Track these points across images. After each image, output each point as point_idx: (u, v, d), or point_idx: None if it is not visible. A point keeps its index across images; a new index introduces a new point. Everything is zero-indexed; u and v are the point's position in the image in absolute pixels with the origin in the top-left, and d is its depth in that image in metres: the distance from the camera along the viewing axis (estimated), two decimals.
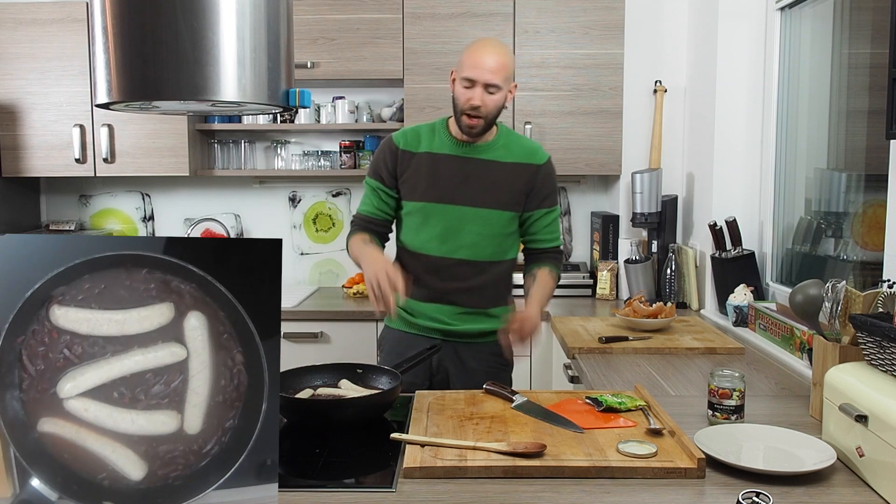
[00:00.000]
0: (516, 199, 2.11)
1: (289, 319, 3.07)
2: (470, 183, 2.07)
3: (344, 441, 1.52)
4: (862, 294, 1.56)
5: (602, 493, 1.27)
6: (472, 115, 2.00)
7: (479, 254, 2.10)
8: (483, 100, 1.98)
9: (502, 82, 1.99)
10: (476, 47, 2.00)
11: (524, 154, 2.12)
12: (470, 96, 1.98)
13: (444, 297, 2.12)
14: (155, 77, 1.25)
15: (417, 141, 2.12)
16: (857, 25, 2.41)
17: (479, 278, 2.12)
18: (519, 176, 2.10)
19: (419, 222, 2.11)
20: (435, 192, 2.08)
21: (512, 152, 2.11)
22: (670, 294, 3.11)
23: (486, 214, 2.07)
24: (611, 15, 3.18)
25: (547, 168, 2.14)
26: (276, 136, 3.60)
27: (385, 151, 2.14)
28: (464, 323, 2.13)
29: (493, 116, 2.03)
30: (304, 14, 3.19)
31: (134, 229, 3.70)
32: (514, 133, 2.18)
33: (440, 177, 2.08)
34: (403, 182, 2.11)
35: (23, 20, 3.23)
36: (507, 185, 2.09)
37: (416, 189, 2.09)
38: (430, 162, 2.09)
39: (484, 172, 2.08)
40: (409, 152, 2.10)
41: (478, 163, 2.08)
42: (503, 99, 2.02)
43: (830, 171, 2.52)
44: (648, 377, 2.03)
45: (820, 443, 1.41)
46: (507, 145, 2.12)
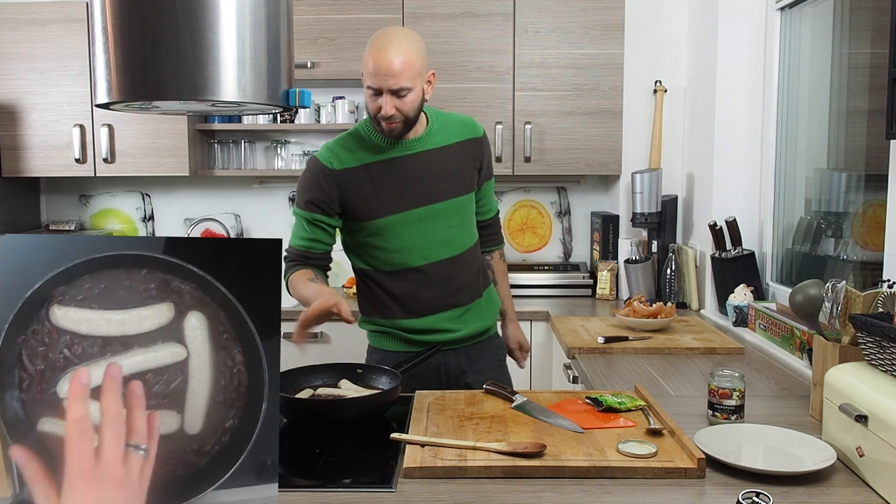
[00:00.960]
0: (471, 178, 2.05)
1: (289, 319, 3.07)
2: (425, 179, 1.94)
3: (344, 441, 1.52)
4: (862, 294, 1.56)
5: (602, 493, 1.27)
6: (387, 122, 1.84)
7: (456, 247, 2.01)
8: (395, 105, 1.81)
9: (410, 82, 1.79)
10: (373, 48, 1.80)
11: (462, 130, 2.03)
12: (379, 105, 1.81)
13: (443, 304, 2.01)
14: (155, 77, 1.25)
15: (350, 154, 1.92)
16: (857, 25, 2.41)
17: (467, 270, 2.05)
18: (467, 153, 2.02)
19: (387, 238, 1.94)
20: (394, 203, 1.91)
21: (451, 132, 2.00)
22: (670, 294, 3.11)
23: (451, 205, 1.98)
24: (611, 15, 3.18)
25: (486, 139, 2.10)
26: (276, 136, 3.60)
27: (317, 178, 1.91)
28: (467, 325, 2.06)
29: (415, 113, 1.86)
30: (304, 14, 3.19)
31: (134, 229, 3.70)
32: (442, 113, 2.05)
33: (393, 184, 1.91)
34: (353, 203, 1.92)
35: (23, 20, 3.23)
36: (460, 168, 2.01)
37: (371, 207, 1.91)
38: (375, 173, 1.91)
39: (435, 163, 1.95)
40: (348, 170, 1.91)
41: (424, 156, 1.95)
42: (418, 96, 1.84)
43: (830, 171, 2.52)
44: (648, 377, 2.03)
45: (820, 443, 1.41)
46: (442, 127, 2.00)
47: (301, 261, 1.97)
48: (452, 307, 2.03)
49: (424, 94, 1.87)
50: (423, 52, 1.85)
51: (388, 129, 1.86)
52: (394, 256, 1.96)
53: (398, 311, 2.01)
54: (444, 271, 2.00)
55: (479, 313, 2.10)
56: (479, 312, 2.10)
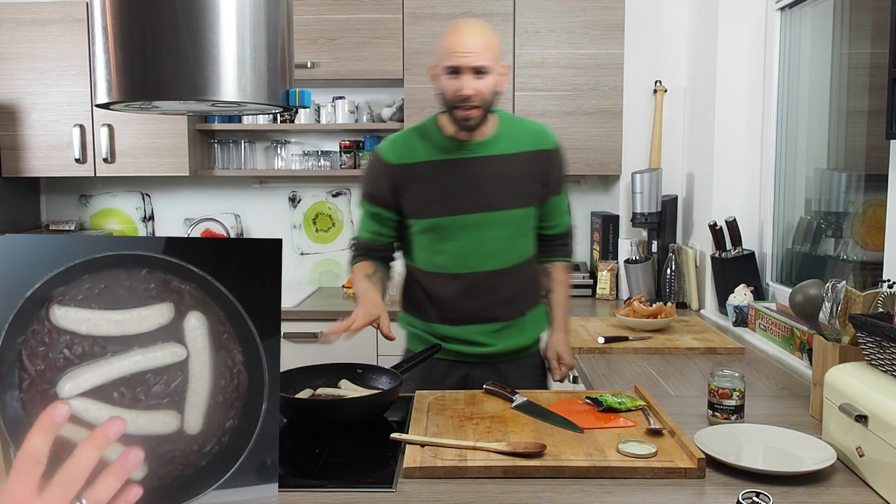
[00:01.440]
0: (534, 191, 1.92)
1: (289, 319, 3.07)
2: (483, 185, 1.86)
3: (344, 441, 1.52)
4: (862, 294, 1.56)
5: (602, 493, 1.26)
6: (464, 106, 1.77)
7: (506, 260, 1.91)
8: (474, 87, 1.75)
9: (491, 63, 1.76)
10: (453, 31, 1.77)
11: (533, 140, 1.91)
12: (458, 86, 1.75)
13: (479, 316, 1.93)
14: (155, 77, 1.25)
15: (410, 151, 1.88)
16: (857, 25, 2.41)
17: (512, 286, 1.94)
18: (533, 165, 1.90)
19: (434, 240, 1.89)
20: (447, 205, 1.85)
21: (520, 140, 1.90)
22: (670, 294, 3.11)
23: (507, 216, 1.88)
24: (611, 15, 3.18)
25: (558, 151, 1.96)
26: (276, 136, 3.60)
27: (377, 171, 1.91)
28: (502, 341, 1.96)
29: (490, 102, 1.80)
30: (304, 14, 3.19)
31: (134, 229, 3.70)
32: (515, 118, 1.98)
33: (449, 186, 1.86)
34: (406, 200, 1.88)
35: (23, 20, 3.23)
36: (523, 179, 1.89)
37: (423, 206, 1.87)
38: (434, 171, 1.86)
39: (495, 170, 1.87)
40: (405, 165, 1.87)
41: (486, 161, 1.87)
42: (494, 83, 1.80)
43: (830, 171, 2.52)
44: (648, 377, 2.03)
45: (820, 443, 1.41)
46: (512, 133, 1.90)
47: (365, 252, 1.98)
48: (489, 321, 1.94)
49: (500, 84, 1.82)
50: (498, 40, 1.82)
51: (463, 117, 1.79)
52: (437, 259, 1.91)
53: (433, 314, 1.95)
54: (485, 283, 1.91)
55: (519, 331, 1.99)
56: (519, 331, 1.99)
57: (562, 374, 2.02)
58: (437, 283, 1.93)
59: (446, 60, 1.76)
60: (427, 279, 1.94)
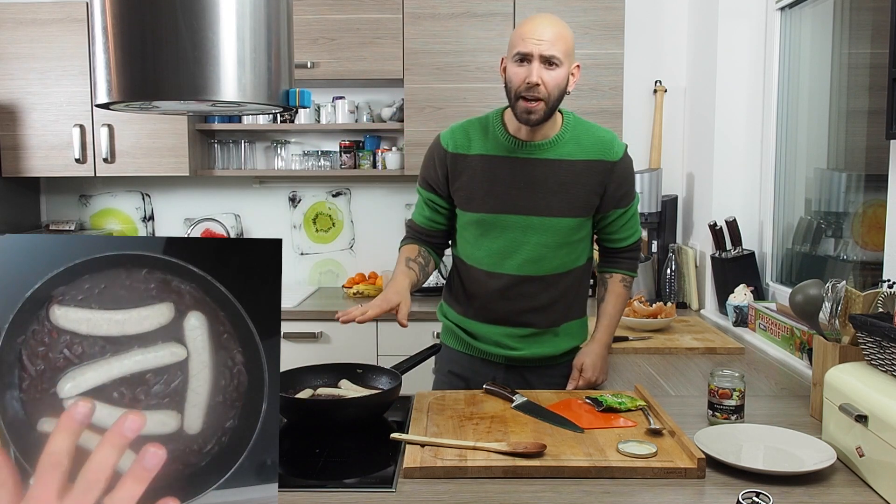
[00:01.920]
0: (588, 202, 1.83)
1: (289, 319, 3.07)
2: (534, 188, 1.80)
3: (344, 441, 1.52)
4: (862, 294, 1.56)
5: (602, 493, 1.26)
6: (529, 97, 1.70)
7: (545, 267, 1.84)
8: (541, 76, 1.69)
9: (562, 56, 1.69)
10: (528, 21, 1.73)
11: (596, 149, 1.82)
12: (525, 74, 1.69)
13: (510, 319, 1.89)
14: (155, 77, 1.25)
15: (468, 141, 1.84)
16: (857, 25, 2.41)
17: (548, 294, 1.88)
18: (591, 176, 1.81)
19: (477, 235, 1.86)
20: (494, 202, 1.82)
21: (582, 147, 1.81)
22: (670, 294, 3.11)
23: (552, 223, 1.81)
24: (611, 15, 3.18)
25: (623, 164, 1.84)
26: (276, 136, 3.60)
27: (433, 157, 1.89)
28: (529, 347, 1.91)
29: (556, 99, 1.73)
30: (304, 14, 3.19)
31: (134, 229, 3.70)
32: (582, 122, 1.86)
33: (499, 183, 1.81)
34: (456, 190, 1.86)
35: (23, 20, 3.23)
36: (578, 188, 1.81)
37: (471, 198, 1.84)
38: (486, 166, 1.82)
39: (550, 175, 1.80)
40: (460, 155, 1.84)
41: (542, 164, 1.80)
42: (565, 78, 1.72)
43: (830, 171, 2.52)
44: (648, 377, 2.02)
45: (820, 443, 1.41)
46: (576, 138, 1.82)
47: (417, 236, 1.96)
48: (520, 325, 1.90)
49: (570, 82, 1.76)
50: (571, 42, 1.75)
51: (526, 109, 1.72)
52: (477, 254, 1.88)
53: (467, 309, 1.94)
54: (518, 288, 1.86)
55: (549, 341, 1.93)
56: (550, 340, 1.93)
57: (576, 385, 1.89)
58: (474, 277, 1.90)
59: (516, 47, 1.71)
60: (467, 272, 1.92)
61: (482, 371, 1.95)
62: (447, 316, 2.02)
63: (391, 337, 3.05)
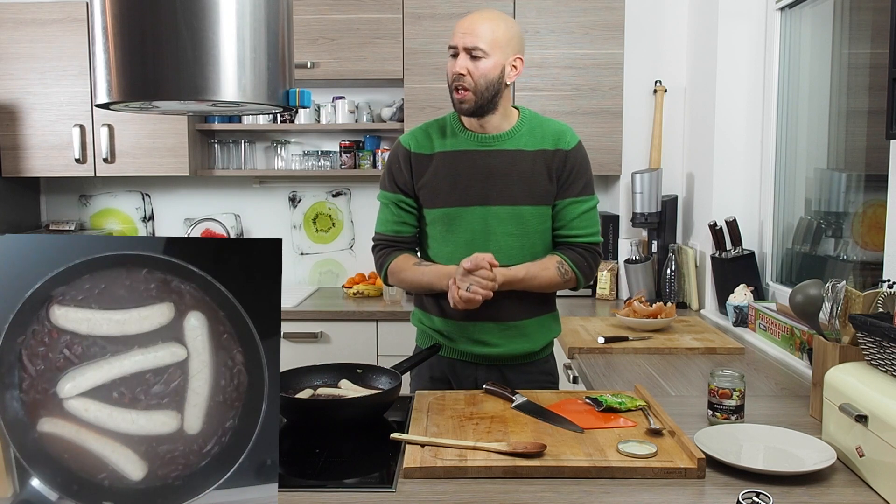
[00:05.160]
0: (546, 190, 1.87)
1: (289, 319, 3.07)
2: (494, 179, 1.85)
3: (344, 441, 1.52)
4: (862, 294, 1.56)
5: (602, 493, 1.26)
6: (458, 86, 1.79)
7: (511, 257, 1.85)
8: (467, 67, 1.77)
9: (488, 47, 1.76)
10: (464, 16, 1.83)
11: (551, 139, 1.87)
12: (452, 65, 1.80)
13: (482, 314, 1.84)
14: (155, 77, 1.25)
15: (429, 141, 1.91)
16: (857, 25, 2.41)
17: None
18: (546, 164, 1.86)
19: (443, 231, 1.89)
20: (457, 195, 1.86)
21: (537, 138, 1.87)
22: (670, 294, 3.11)
23: (516, 212, 1.85)
24: (611, 15, 3.18)
25: (577, 154, 1.88)
26: (276, 136, 3.60)
27: (397, 158, 1.93)
28: (507, 343, 1.92)
29: (485, 89, 1.79)
30: (304, 14, 3.19)
31: (134, 229, 3.70)
32: (539, 117, 1.94)
33: (461, 177, 1.86)
34: (421, 188, 1.90)
35: (23, 20, 3.23)
36: (536, 177, 1.85)
37: (436, 194, 1.88)
38: (448, 162, 1.87)
39: (508, 165, 1.85)
40: (422, 154, 1.90)
41: (500, 155, 1.85)
42: (494, 69, 1.78)
43: (830, 171, 2.52)
44: (648, 377, 2.03)
45: (820, 443, 1.41)
46: (531, 131, 1.88)
47: (394, 245, 1.95)
48: (492, 320, 1.89)
49: (505, 75, 1.82)
50: (513, 33, 1.82)
51: (457, 100, 1.82)
52: (445, 250, 1.91)
53: (440, 308, 1.93)
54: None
55: (526, 336, 1.94)
56: (526, 335, 1.94)
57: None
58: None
59: (450, 43, 1.82)
60: None
61: (462, 373, 1.96)
62: (422, 321, 2.01)
63: (391, 337, 3.05)
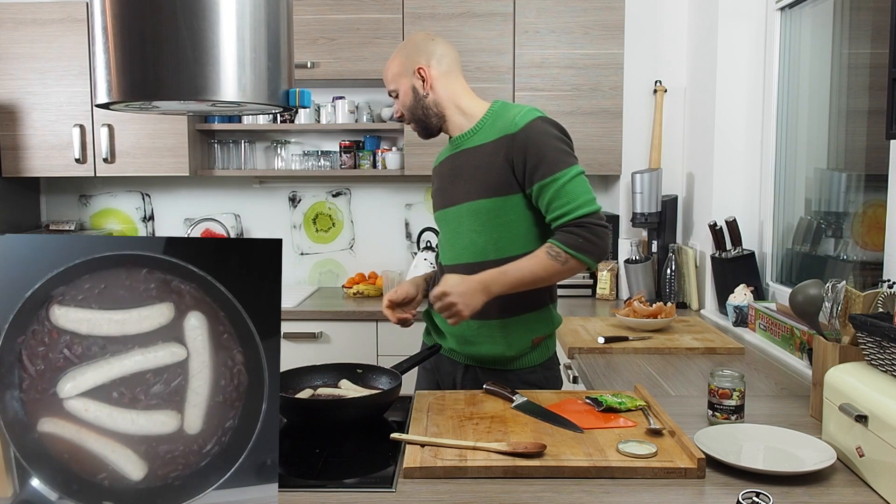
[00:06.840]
0: (503, 181, 1.82)
1: (289, 319, 3.07)
2: (459, 178, 1.91)
3: (344, 441, 1.52)
4: (862, 294, 1.56)
5: (602, 493, 1.26)
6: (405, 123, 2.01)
7: (480, 253, 1.85)
8: (396, 107, 1.96)
9: (394, 83, 1.92)
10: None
11: (502, 127, 1.84)
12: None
13: None
14: (155, 77, 1.25)
15: (439, 153, 2.07)
16: (857, 25, 2.41)
17: None
18: (497, 154, 1.82)
19: (439, 234, 2.03)
20: (438, 200, 2.00)
21: (493, 129, 1.86)
22: (670, 294, 3.11)
23: (473, 207, 1.86)
24: (611, 15, 3.18)
25: (524, 134, 1.79)
26: (276, 136, 3.60)
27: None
28: (483, 343, 1.89)
29: (413, 114, 1.93)
30: (304, 14, 3.19)
31: (134, 229, 3.70)
32: (506, 105, 1.91)
33: (440, 182, 1.99)
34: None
35: (23, 20, 3.23)
36: (490, 169, 1.83)
37: (433, 203, 2.06)
38: (436, 172, 2.03)
39: (467, 163, 1.89)
40: (434, 168, 2.08)
41: (462, 154, 1.92)
42: (406, 95, 1.91)
43: (830, 171, 2.52)
44: (648, 377, 2.03)
45: (820, 443, 1.41)
46: (492, 124, 1.88)
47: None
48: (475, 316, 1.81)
49: (418, 91, 1.90)
50: (405, 54, 1.92)
51: (414, 132, 2.00)
52: (440, 251, 2.04)
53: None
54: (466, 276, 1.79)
55: (504, 337, 1.88)
56: (505, 336, 1.88)
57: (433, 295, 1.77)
58: (441, 275, 1.97)
59: None
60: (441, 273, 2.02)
61: (445, 369, 2.01)
62: (428, 313, 2.08)
63: (391, 337, 3.06)
